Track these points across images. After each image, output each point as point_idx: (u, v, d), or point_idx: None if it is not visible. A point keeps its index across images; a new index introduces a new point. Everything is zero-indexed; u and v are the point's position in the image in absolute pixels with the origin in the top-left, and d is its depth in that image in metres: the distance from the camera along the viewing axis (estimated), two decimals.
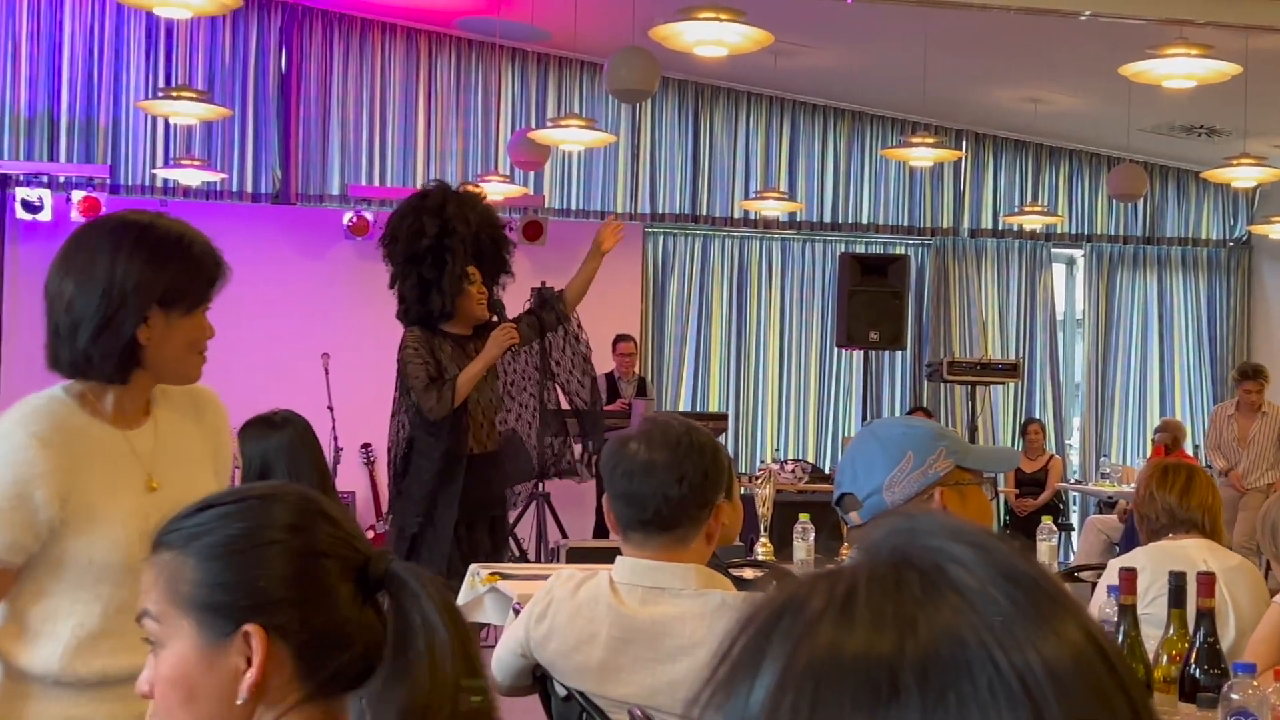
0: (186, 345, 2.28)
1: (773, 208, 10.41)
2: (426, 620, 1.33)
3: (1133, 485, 9.85)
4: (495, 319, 5.42)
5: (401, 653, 1.34)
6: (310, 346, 9.49)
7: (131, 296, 2.19)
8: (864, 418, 10.39)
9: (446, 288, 5.28)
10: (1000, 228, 11.78)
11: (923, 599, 0.63)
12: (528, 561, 8.55)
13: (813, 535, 4.80)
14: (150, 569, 1.38)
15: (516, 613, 3.38)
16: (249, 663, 1.33)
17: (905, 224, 11.70)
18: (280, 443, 3.80)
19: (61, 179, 9.67)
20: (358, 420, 9.68)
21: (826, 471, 9.78)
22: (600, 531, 9.81)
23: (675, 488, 2.45)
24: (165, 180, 9.83)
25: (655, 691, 2.40)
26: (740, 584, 2.84)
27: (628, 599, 2.49)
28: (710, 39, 5.87)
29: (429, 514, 5.31)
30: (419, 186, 10.44)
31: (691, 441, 2.50)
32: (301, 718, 1.35)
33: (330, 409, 9.37)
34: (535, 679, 2.68)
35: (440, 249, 5.28)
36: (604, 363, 10.29)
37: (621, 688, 2.44)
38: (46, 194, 9.52)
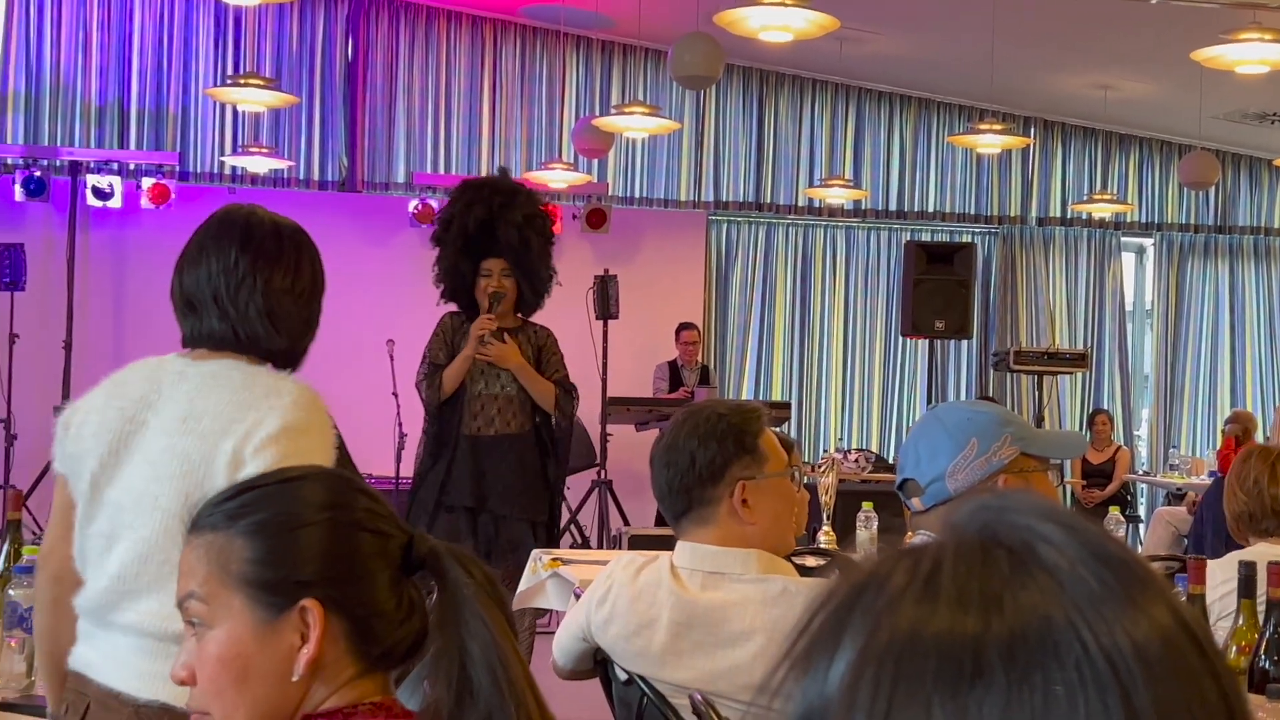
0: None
1: (837, 195, 10.35)
2: (469, 598, 1.34)
3: (1203, 477, 9.71)
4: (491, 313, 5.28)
5: (448, 629, 1.34)
6: (375, 333, 9.55)
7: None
8: (929, 407, 10.31)
9: (442, 274, 5.36)
10: (1069, 216, 11.65)
11: (1010, 577, 0.62)
12: (589, 548, 8.57)
13: (875, 524, 4.77)
14: (191, 551, 1.38)
15: (578, 598, 3.39)
16: (303, 639, 1.33)
17: (972, 212, 11.60)
18: None
19: (132, 166, 9.79)
20: (422, 407, 9.74)
21: (890, 461, 9.72)
22: (662, 519, 9.82)
23: (665, 473, 2.49)
24: (233, 167, 9.93)
25: (716, 676, 2.39)
26: (802, 571, 2.82)
27: (689, 583, 2.48)
28: (776, 24, 5.83)
29: (414, 491, 5.31)
30: (483, 174, 10.53)
31: (695, 424, 2.49)
32: (357, 693, 1.35)
33: (395, 395, 9.41)
34: (596, 663, 2.68)
35: (446, 236, 5.35)
36: (667, 351, 10.29)
37: (682, 672, 2.43)
38: (117, 181, 9.63)
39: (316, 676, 1.34)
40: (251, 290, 2.26)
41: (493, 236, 5.23)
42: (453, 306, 5.42)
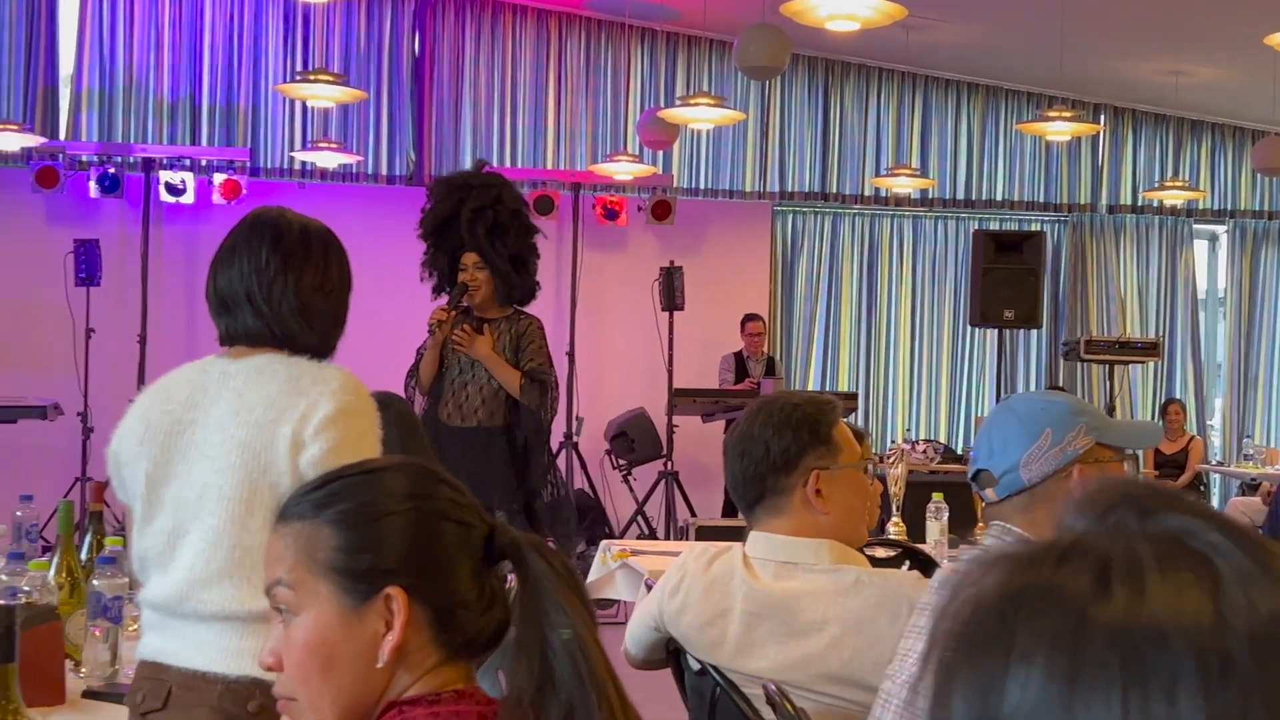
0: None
1: (904, 185, 10.29)
2: (549, 588, 1.36)
3: (1277, 467, 9.57)
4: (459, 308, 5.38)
5: (529, 619, 1.35)
6: None
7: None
8: (998, 397, 10.23)
9: (426, 268, 5.55)
10: (1140, 203, 11.51)
11: (1202, 573, 0.64)
12: (655, 539, 8.59)
13: (946, 515, 4.75)
14: (279, 540, 1.40)
15: (649, 588, 3.40)
16: (388, 626, 1.35)
17: (1041, 200, 11.49)
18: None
19: (203, 162, 9.91)
20: None
21: (959, 452, 9.67)
22: (729, 510, 9.82)
23: (739, 462, 2.50)
24: (303, 163, 10.03)
25: (789, 666, 2.40)
26: (872, 563, 2.81)
27: (761, 573, 2.48)
28: (843, 13, 5.81)
29: None
30: (549, 167, 10.58)
31: (769, 415, 2.50)
32: (440, 680, 1.37)
33: None
34: (669, 653, 2.69)
35: (425, 234, 5.57)
36: (732, 342, 10.28)
37: (755, 662, 2.44)
38: (189, 177, 9.76)
39: (400, 664, 1.36)
40: (284, 289, 2.36)
41: (460, 228, 5.39)
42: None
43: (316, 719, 1.37)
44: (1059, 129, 8.91)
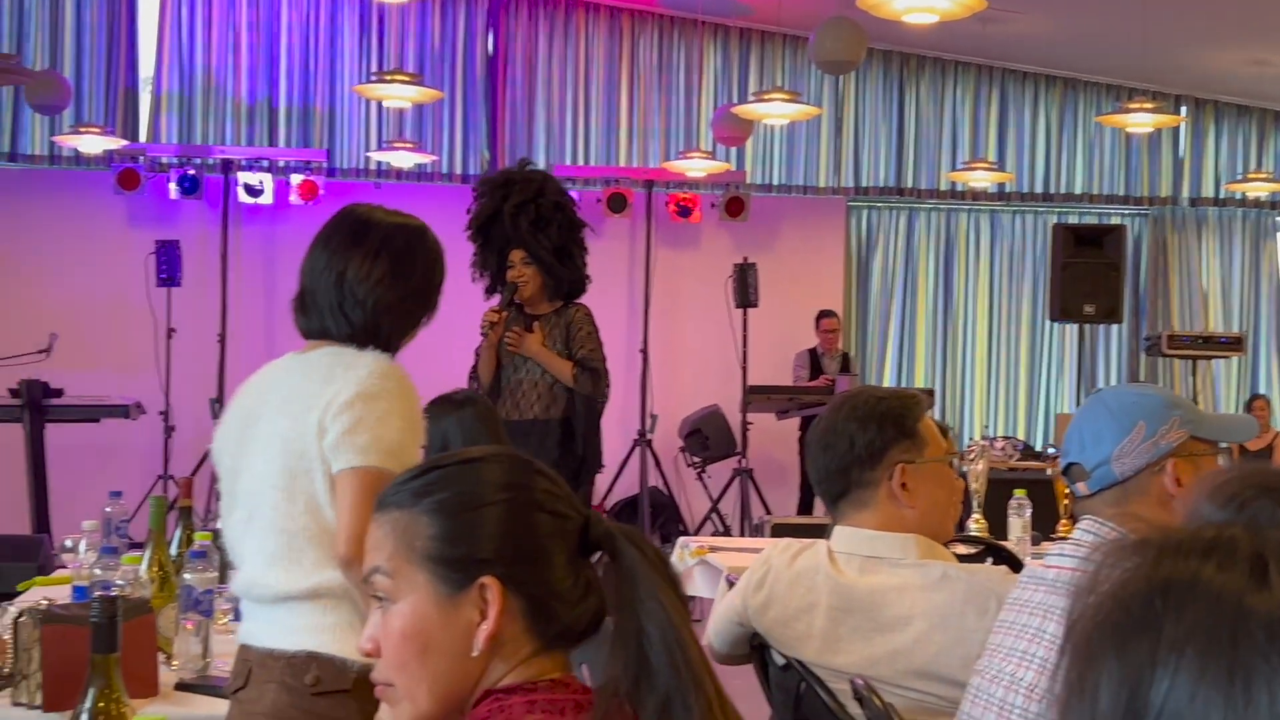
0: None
1: (981, 179, 10.19)
2: (645, 580, 1.36)
3: None
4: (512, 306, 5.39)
5: (625, 610, 1.36)
6: None
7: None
8: (1078, 394, 10.11)
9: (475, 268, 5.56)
10: (1222, 196, 11.33)
11: None
12: (729, 536, 8.57)
13: (1029, 511, 4.69)
14: (379, 528, 1.42)
15: (730, 585, 3.39)
16: (483, 615, 1.36)
17: (1121, 193, 11.33)
18: (459, 420, 3.87)
19: (281, 163, 10.02)
20: None
21: (1038, 450, 9.56)
22: (805, 507, 9.78)
23: (822, 456, 2.50)
24: (379, 163, 10.11)
25: (875, 661, 2.38)
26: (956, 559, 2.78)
27: (846, 568, 2.47)
28: (920, 5, 5.76)
29: None
30: (622, 165, 10.59)
31: (851, 409, 2.49)
32: (534, 670, 1.38)
33: None
34: (753, 648, 2.68)
35: (471, 229, 5.58)
36: (806, 339, 10.24)
37: (841, 657, 2.42)
38: (267, 178, 9.87)
39: (495, 653, 1.37)
40: (330, 282, 2.41)
41: (503, 226, 5.41)
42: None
43: (412, 705, 1.38)
44: (1140, 121, 8.78)
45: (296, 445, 2.29)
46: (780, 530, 6.53)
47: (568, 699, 1.35)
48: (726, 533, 9.22)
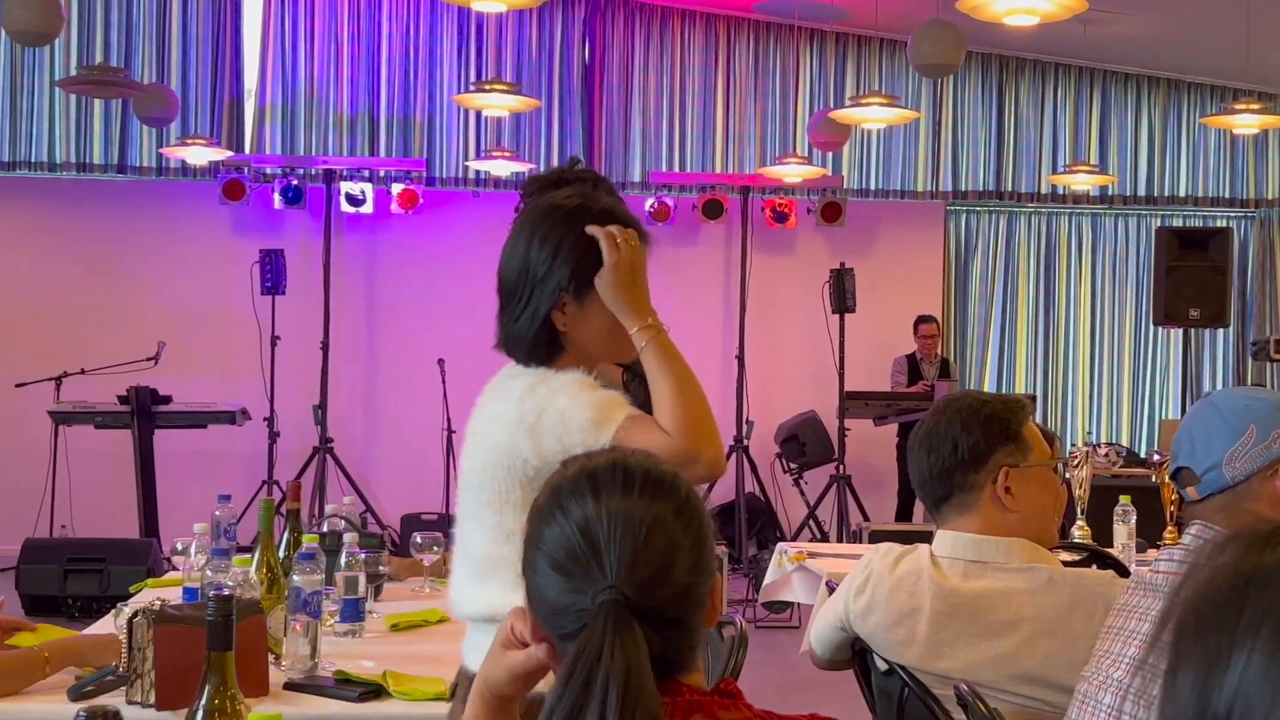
0: (608, 330, 2.20)
1: (1083, 182, 10.06)
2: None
3: None
4: None
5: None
6: None
7: (541, 282, 2.16)
8: (1183, 400, 9.93)
9: None
10: None
11: None
12: (827, 543, 8.53)
13: (1133, 518, 4.61)
14: None
15: (830, 589, 3.38)
16: None
17: (1226, 195, 11.12)
18: None
19: (382, 173, 10.16)
20: None
21: (1142, 456, 9.40)
22: (903, 514, 9.71)
23: (925, 459, 2.48)
24: (477, 172, 10.20)
25: (980, 666, 2.36)
26: None
27: (949, 573, 2.45)
28: (1021, 7, 5.70)
29: None
30: (718, 171, 10.59)
31: (955, 411, 2.48)
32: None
33: None
34: (854, 653, 2.67)
35: None
36: (905, 344, 10.16)
37: (944, 662, 2.41)
38: (368, 187, 10.01)
39: None
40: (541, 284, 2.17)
41: None
42: None
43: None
44: (1246, 122, 8.62)
45: (480, 463, 2.16)
46: (878, 537, 6.49)
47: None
48: (824, 539, 9.18)
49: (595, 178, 5.46)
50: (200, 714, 1.66)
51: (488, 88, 8.30)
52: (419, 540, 3.80)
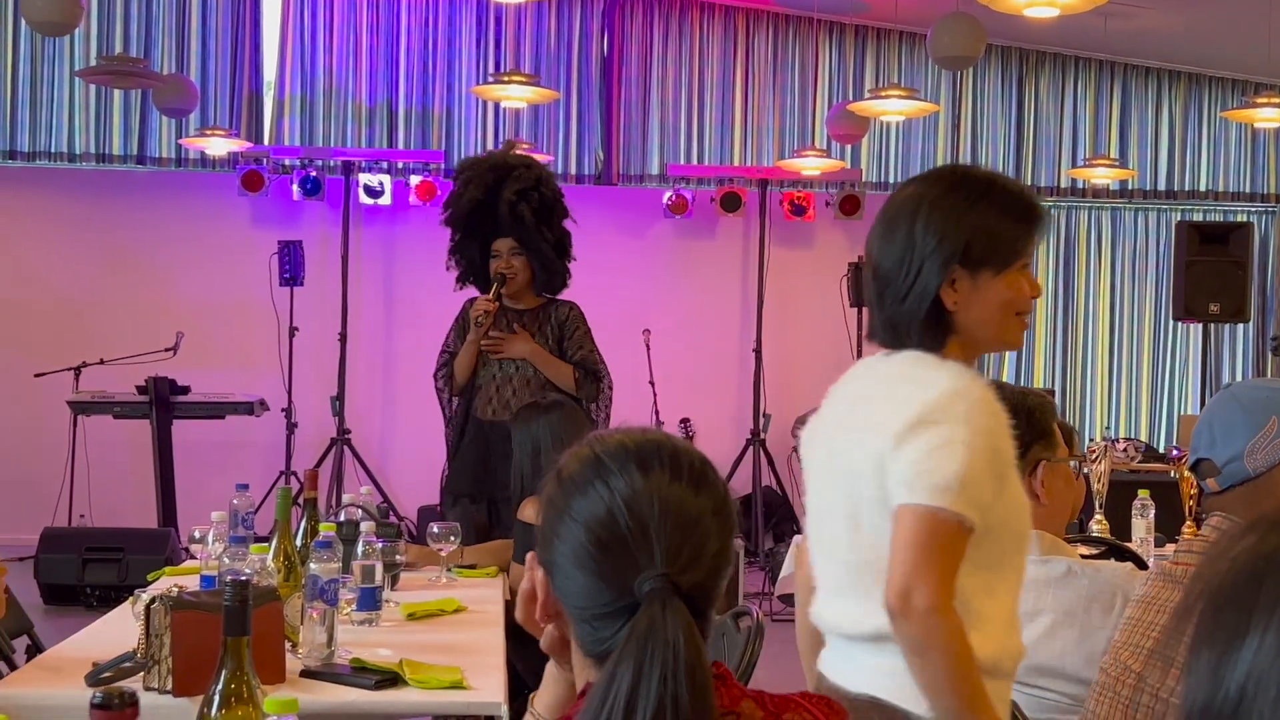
0: (999, 308, 2.05)
1: (1102, 175, 10.01)
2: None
3: None
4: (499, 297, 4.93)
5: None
6: (632, 323, 9.69)
7: (929, 258, 2.04)
8: (1202, 395, 9.88)
9: (454, 258, 5.12)
10: None
11: None
12: None
13: (1152, 512, 4.60)
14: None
15: None
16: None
17: (1247, 190, 11.06)
18: (548, 424, 3.90)
19: (400, 165, 10.16)
20: (678, 395, 9.84)
21: (1161, 451, 9.36)
22: None
23: None
24: None
25: None
26: None
27: None
28: (1042, 0, 5.67)
29: (450, 481, 5.01)
30: (736, 164, 10.58)
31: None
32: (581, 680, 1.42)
33: (651, 384, 9.55)
34: None
35: (449, 218, 5.09)
36: None
37: None
38: (386, 179, 10.01)
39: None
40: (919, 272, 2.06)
41: (494, 215, 4.96)
42: (474, 291, 5.14)
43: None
44: (1268, 116, 8.57)
45: (858, 468, 2.00)
46: None
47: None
48: None
49: (539, 164, 5.29)
50: (216, 699, 1.66)
51: (506, 79, 8.30)
52: (435, 530, 3.81)
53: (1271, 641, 0.63)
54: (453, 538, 3.79)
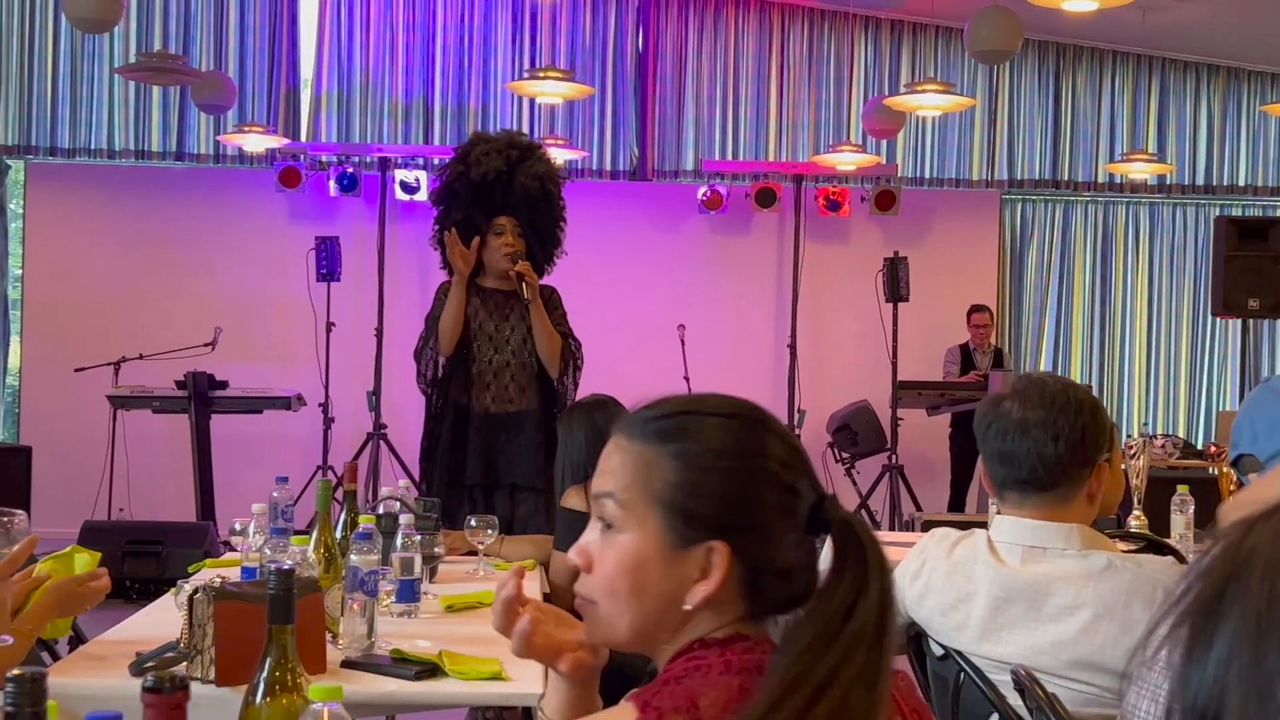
0: None
1: (1140, 170, 9.96)
2: (860, 575, 1.32)
3: None
4: (515, 275, 4.75)
5: (825, 598, 1.32)
6: (666, 319, 9.70)
7: None
8: (1241, 391, 9.81)
9: (441, 234, 4.93)
10: None
11: None
12: (880, 531, 8.49)
13: (1191, 508, 4.57)
14: (619, 453, 1.41)
15: None
16: (703, 574, 1.35)
17: None
18: (592, 423, 3.91)
19: (436, 160, 10.18)
20: (713, 388, 9.84)
21: (1199, 448, 9.30)
22: (956, 504, 9.66)
23: (1051, 446, 2.39)
24: None
25: (1038, 652, 2.35)
26: None
27: (1007, 558, 2.44)
28: None
29: (425, 466, 4.92)
30: (770, 159, 10.56)
31: (1069, 398, 2.42)
32: (734, 631, 1.38)
33: (686, 379, 9.54)
34: (909, 637, 2.66)
35: (456, 187, 4.89)
36: (957, 334, 10.10)
37: (1001, 647, 2.39)
38: (422, 175, 10.05)
39: (705, 608, 1.37)
40: None
41: (507, 190, 4.81)
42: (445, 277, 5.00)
43: (610, 630, 1.40)
44: None
45: None
46: (931, 527, 6.45)
47: (764, 659, 1.35)
48: (876, 528, 9.14)
49: (540, 146, 5.19)
50: (261, 686, 1.67)
51: (542, 75, 8.31)
52: (473, 523, 3.82)
53: (1232, 648, 0.63)
54: (491, 530, 3.81)
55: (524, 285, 4.74)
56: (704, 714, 1.28)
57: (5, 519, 2.02)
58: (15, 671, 1.11)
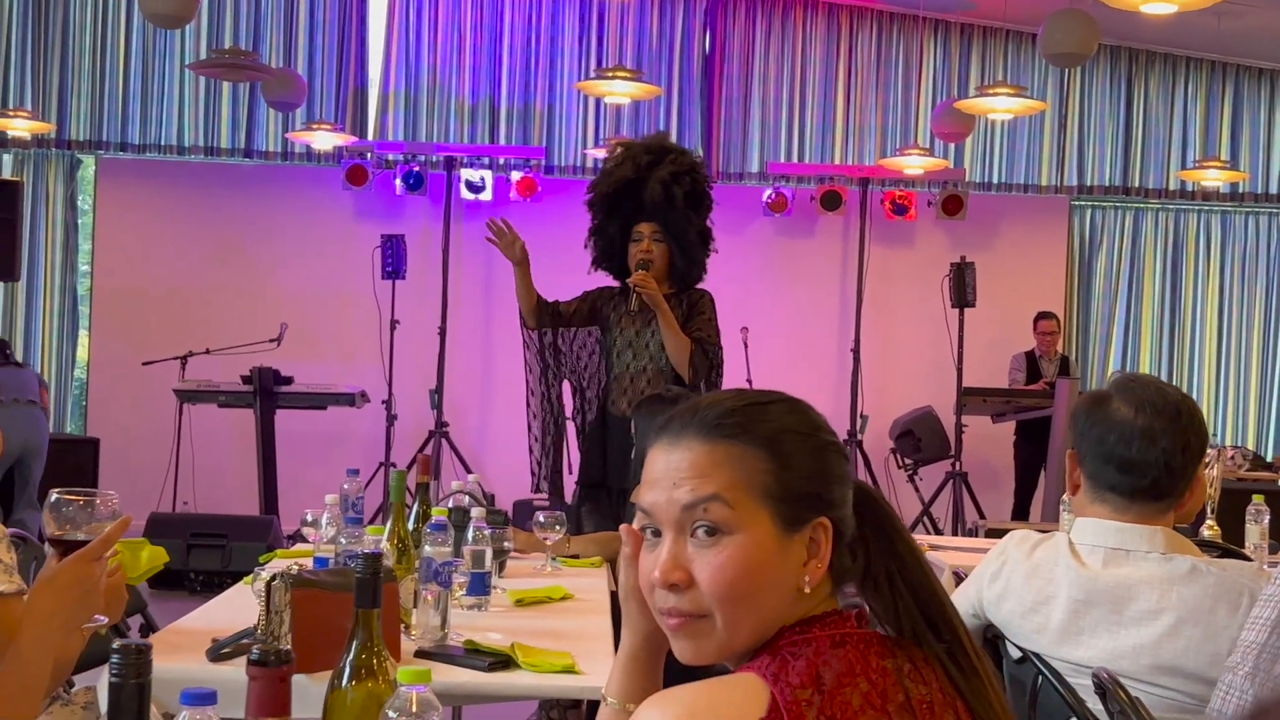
0: None
1: (1213, 178, 9.82)
2: (896, 532, 1.44)
3: None
4: (632, 285, 4.76)
5: (878, 558, 1.43)
6: (730, 321, 9.63)
7: None
8: None
9: (591, 238, 4.97)
10: None
11: None
12: (943, 537, 8.43)
13: (1267, 518, 4.50)
14: (707, 455, 1.39)
15: (958, 577, 3.34)
16: (811, 554, 1.38)
17: None
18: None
19: (501, 160, 10.23)
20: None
21: (1268, 460, 9.17)
22: (1019, 512, 9.56)
23: (1179, 458, 2.36)
24: (595, 160, 10.23)
25: (1118, 655, 2.31)
26: None
27: (1088, 560, 2.40)
28: None
29: (580, 477, 4.95)
30: (837, 162, 10.51)
31: (1190, 409, 2.40)
32: (827, 607, 1.40)
33: (749, 382, 9.52)
34: (986, 640, 2.63)
35: (594, 197, 4.93)
36: (1023, 340, 10.01)
37: (1081, 650, 2.36)
38: (488, 175, 10.09)
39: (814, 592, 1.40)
40: None
41: (640, 197, 4.81)
42: (604, 278, 5.03)
43: (729, 637, 1.38)
44: None
45: None
46: (994, 535, 6.39)
47: (870, 634, 1.37)
48: (938, 536, 9.07)
49: (691, 152, 5.19)
50: (347, 670, 1.67)
51: (610, 75, 8.31)
52: (541, 520, 3.82)
53: None
54: (558, 526, 3.80)
55: (634, 295, 4.76)
56: (827, 686, 1.29)
57: (92, 499, 2.04)
58: (120, 643, 1.11)
